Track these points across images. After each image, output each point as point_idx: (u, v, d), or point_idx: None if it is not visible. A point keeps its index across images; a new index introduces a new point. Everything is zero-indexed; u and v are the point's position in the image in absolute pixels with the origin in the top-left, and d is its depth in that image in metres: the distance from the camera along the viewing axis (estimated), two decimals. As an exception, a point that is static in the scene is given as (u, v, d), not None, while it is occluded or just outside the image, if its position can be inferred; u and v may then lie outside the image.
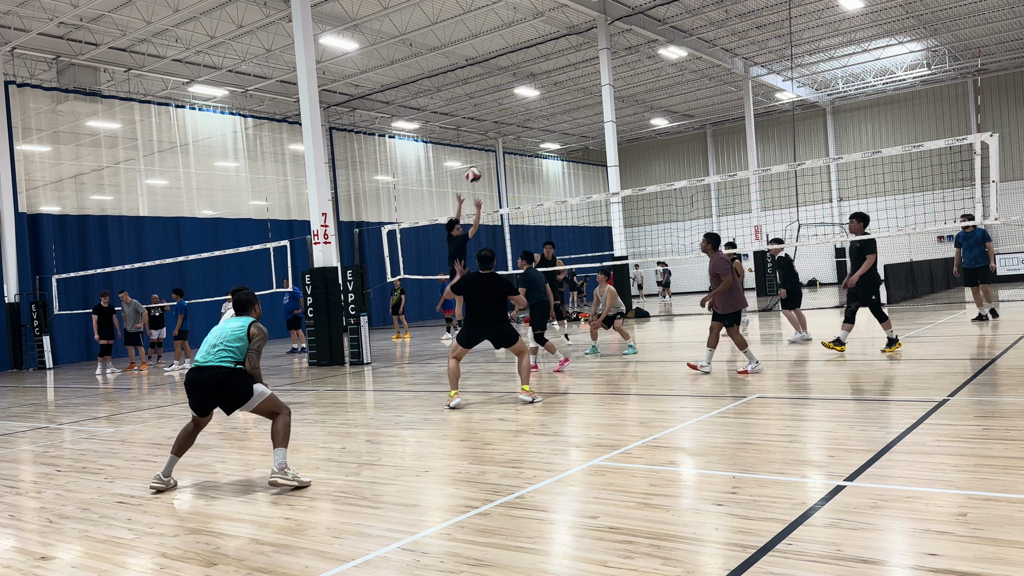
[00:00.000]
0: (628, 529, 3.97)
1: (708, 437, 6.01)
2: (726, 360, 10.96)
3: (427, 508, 4.67)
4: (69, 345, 21.55)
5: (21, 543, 4.54)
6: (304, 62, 14.76)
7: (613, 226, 23.60)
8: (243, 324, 5.69)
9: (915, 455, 5.04)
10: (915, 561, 3.35)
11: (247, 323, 5.70)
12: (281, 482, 5.28)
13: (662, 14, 23.18)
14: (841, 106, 36.31)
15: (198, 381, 5.54)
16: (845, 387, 8.12)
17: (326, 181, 15.56)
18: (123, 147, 23.46)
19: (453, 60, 25.41)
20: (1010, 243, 30.63)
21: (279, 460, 5.35)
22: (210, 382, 5.49)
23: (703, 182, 13.72)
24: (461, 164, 35.73)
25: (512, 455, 5.88)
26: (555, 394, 8.93)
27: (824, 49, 27.84)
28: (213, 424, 8.53)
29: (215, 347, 5.59)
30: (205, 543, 4.27)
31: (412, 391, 10.10)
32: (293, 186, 27.81)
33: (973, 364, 8.89)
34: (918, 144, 10.51)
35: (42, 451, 7.60)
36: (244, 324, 5.69)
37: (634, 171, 41.34)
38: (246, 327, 5.67)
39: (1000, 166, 12.75)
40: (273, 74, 24.71)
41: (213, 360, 5.54)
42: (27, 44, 20.40)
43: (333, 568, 3.75)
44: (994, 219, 9.87)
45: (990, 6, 24.44)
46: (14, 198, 20.40)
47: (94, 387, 14.12)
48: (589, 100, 31.55)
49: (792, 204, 33.46)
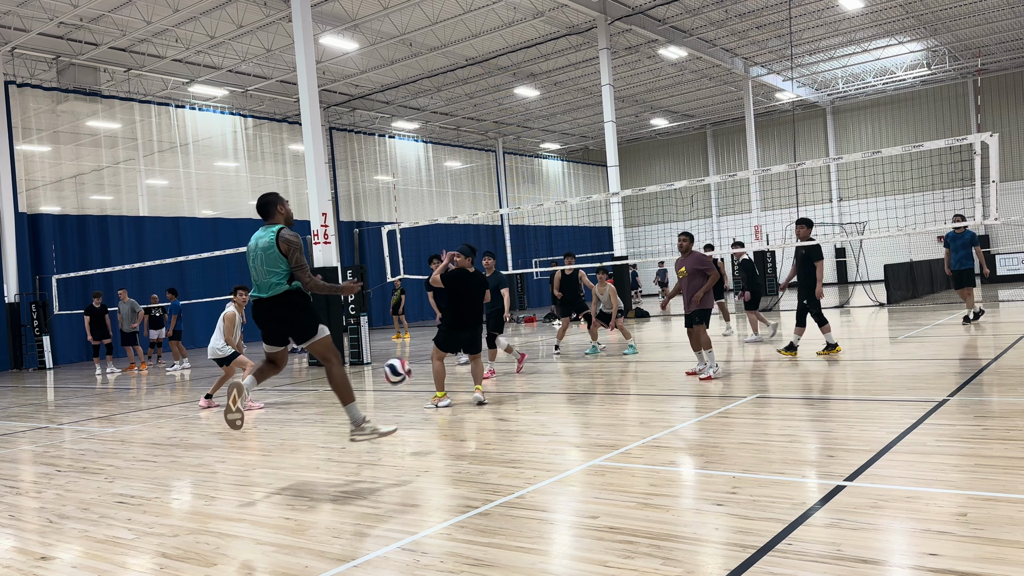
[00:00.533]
0: (628, 529, 3.97)
1: (708, 437, 6.01)
2: (724, 360, 10.96)
3: (427, 508, 4.67)
4: (69, 345, 21.54)
5: (21, 543, 4.54)
6: (304, 62, 14.77)
7: (613, 226, 23.59)
8: (270, 240, 5.26)
9: (915, 455, 5.04)
10: (915, 561, 3.35)
11: (273, 237, 5.26)
12: (361, 438, 5.10)
13: (662, 14, 23.18)
14: (841, 106, 36.31)
15: (262, 313, 5.35)
16: (845, 387, 8.12)
17: (326, 181, 15.56)
18: (123, 147, 23.46)
19: (453, 60, 25.41)
20: (1010, 243, 30.63)
21: (354, 415, 5.15)
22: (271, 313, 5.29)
23: (703, 182, 13.72)
24: (461, 164, 35.74)
25: (512, 455, 5.88)
26: (555, 394, 8.93)
27: (824, 49, 27.83)
28: (213, 424, 8.53)
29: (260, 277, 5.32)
30: (205, 543, 4.27)
31: (412, 391, 10.10)
32: (293, 186, 27.81)
33: (973, 364, 8.89)
34: (918, 144, 10.51)
35: (42, 451, 7.60)
36: (271, 240, 5.26)
37: (634, 171, 41.34)
38: (274, 242, 5.24)
39: (1000, 166, 12.77)
40: (273, 74, 24.71)
41: (267, 292, 5.29)
42: (27, 44, 20.40)
43: (333, 568, 3.75)
44: (994, 219, 9.87)
45: (990, 6, 24.44)
46: (14, 198, 20.40)
47: (94, 387, 14.12)
48: (589, 100, 31.55)
49: (792, 204, 33.45)
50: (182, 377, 14.69)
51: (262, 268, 5.31)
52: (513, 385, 9.94)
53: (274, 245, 5.24)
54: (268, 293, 5.31)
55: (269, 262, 5.27)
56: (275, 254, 5.24)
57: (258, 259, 5.32)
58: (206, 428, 8.32)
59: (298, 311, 5.36)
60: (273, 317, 5.33)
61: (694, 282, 9.33)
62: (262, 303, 5.37)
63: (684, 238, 9.57)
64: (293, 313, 5.34)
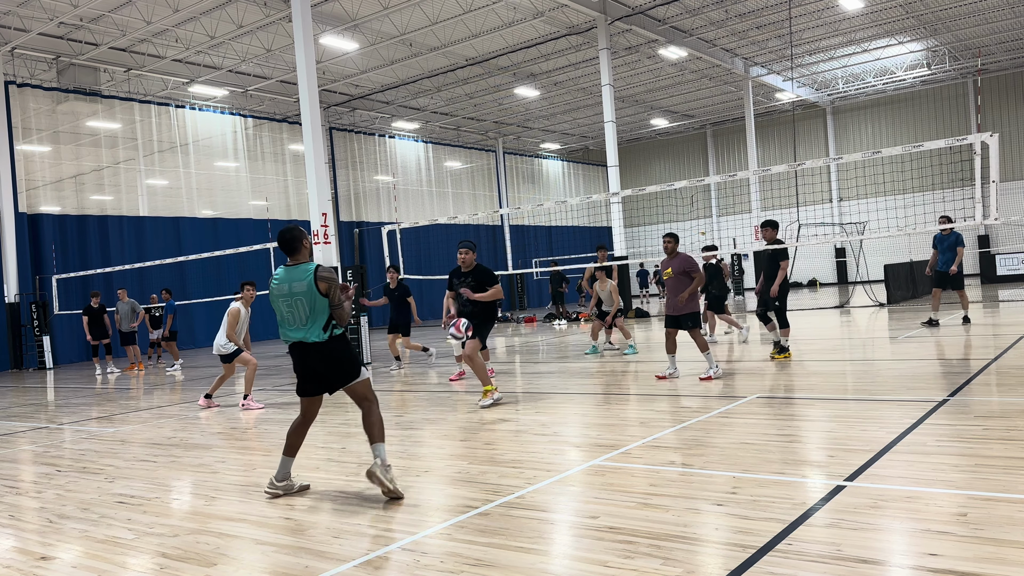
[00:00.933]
0: (628, 529, 3.97)
1: (708, 437, 6.01)
2: (725, 360, 10.96)
3: (427, 508, 4.67)
4: (69, 345, 21.54)
5: (21, 543, 4.54)
6: (304, 62, 14.76)
7: (613, 226, 23.59)
8: (308, 282, 4.93)
9: (915, 455, 5.04)
10: (915, 561, 3.35)
11: (311, 278, 4.94)
12: (380, 477, 4.75)
13: (662, 14, 23.18)
14: (841, 106, 36.31)
15: (301, 358, 5.05)
16: (845, 387, 8.12)
17: (326, 181, 15.55)
18: (123, 147, 23.46)
19: (453, 60, 25.41)
20: (1010, 243, 30.62)
21: (381, 455, 4.86)
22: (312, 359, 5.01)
23: (703, 182, 13.72)
24: (461, 164, 35.74)
25: (512, 455, 5.88)
26: (555, 393, 8.93)
27: (824, 49, 27.83)
28: (213, 424, 8.53)
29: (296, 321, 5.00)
30: (205, 543, 4.27)
31: (412, 391, 10.10)
32: (293, 186, 27.82)
33: (973, 364, 8.89)
34: (918, 144, 10.51)
35: (42, 451, 7.60)
36: (309, 281, 4.93)
37: (634, 171, 41.34)
38: (312, 283, 4.92)
39: (1000, 166, 12.77)
40: (273, 74, 24.71)
41: (306, 337, 4.97)
42: (27, 44, 20.40)
43: (333, 568, 3.75)
44: (994, 219, 9.87)
45: (990, 6, 24.44)
46: (14, 198, 20.40)
47: (94, 387, 14.12)
48: (589, 100, 31.55)
49: (792, 204, 33.47)
50: (183, 377, 14.69)
51: (300, 312, 4.98)
52: (514, 385, 9.94)
53: (313, 287, 4.91)
54: (310, 339, 5.00)
55: (309, 304, 4.95)
56: (314, 295, 4.93)
57: (295, 303, 4.98)
58: (206, 428, 8.32)
59: (340, 356, 5.08)
60: (315, 363, 5.04)
61: (680, 284, 9.27)
62: (303, 348, 5.04)
63: (669, 239, 9.49)
64: (335, 359, 5.06)
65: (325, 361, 5.03)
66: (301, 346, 5.04)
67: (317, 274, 4.95)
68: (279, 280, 5.08)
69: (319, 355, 5.02)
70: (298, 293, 4.96)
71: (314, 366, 5.05)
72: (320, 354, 5.01)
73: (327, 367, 5.04)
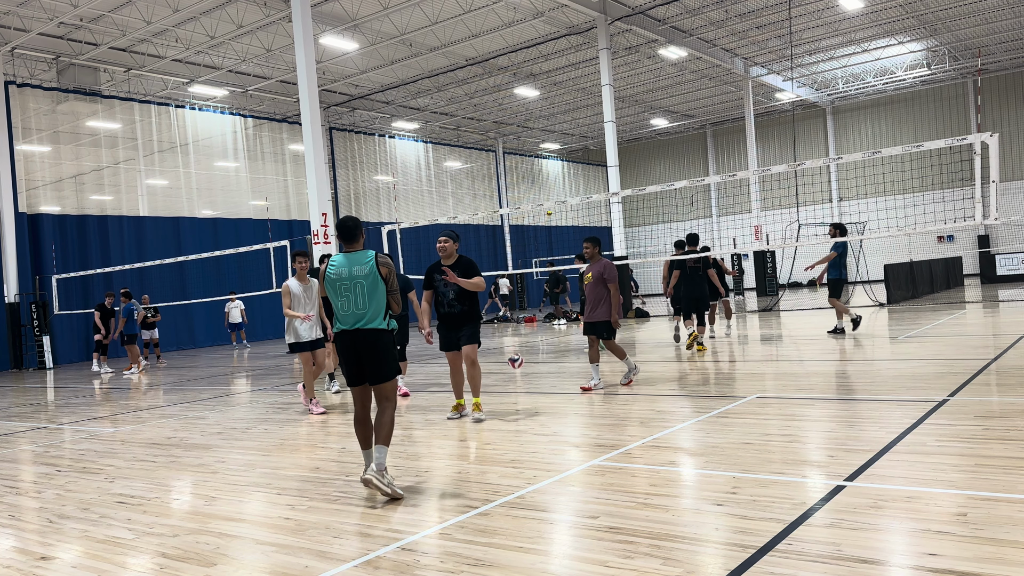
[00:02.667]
0: (628, 529, 3.97)
1: (708, 437, 6.01)
2: (727, 360, 10.96)
3: (427, 508, 4.67)
4: (69, 345, 21.54)
5: (21, 543, 4.54)
6: (304, 62, 14.77)
7: (613, 226, 23.60)
8: (371, 266, 4.98)
9: (915, 455, 5.03)
10: (915, 561, 3.35)
11: (373, 263, 4.99)
12: (376, 483, 4.74)
13: (662, 14, 23.19)
14: (841, 106, 36.32)
15: (348, 346, 5.01)
16: (845, 387, 8.12)
17: (326, 181, 15.57)
18: (123, 147, 23.46)
19: (453, 60, 25.41)
20: (1010, 243, 30.62)
21: (380, 458, 4.84)
22: (362, 347, 4.96)
23: (703, 182, 13.72)
24: (461, 164, 35.74)
25: (512, 455, 5.88)
26: (555, 394, 8.93)
27: (824, 49, 27.84)
28: (213, 424, 8.53)
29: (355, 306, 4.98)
30: (205, 543, 4.27)
31: (412, 391, 10.09)
32: (293, 186, 27.82)
33: (973, 364, 8.89)
34: (918, 144, 10.51)
35: (42, 451, 7.60)
36: (372, 266, 4.98)
37: (634, 171, 41.35)
38: (375, 268, 4.98)
39: (1000, 166, 12.78)
40: (273, 74, 24.71)
41: (362, 324, 4.96)
42: (27, 44, 20.40)
43: (333, 568, 3.75)
44: (994, 219, 9.87)
45: (990, 6, 24.44)
46: (14, 198, 20.40)
47: (94, 387, 14.12)
48: (589, 100, 31.56)
49: (792, 204, 33.47)
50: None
51: (359, 297, 4.98)
52: (510, 386, 9.94)
53: (375, 271, 4.98)
54: (364, 325, 4.99)
55: (370, 290, 4.98)
56: (375, 280, 4.98)
57: (354, 286, 4.98)
58: (206, 428, 8.32)
59: (386, 353, 5.04)
60: (362, 350, 4.99)
61: (597, 290, 8.90)
62: (354, 335, 5.00)
63: (588, 244, 9.04)
64: (381, 355, 5.02)
65: (371, 351, 5.01)
66: (353, 334, 5.02)
67: (378, 259, 5.05)
68: (338, 265, 5.10)
69: (367, 344, 5.00)
70: (358, 277, 5.00)
71: (360, 354, 5.02)
72: (368, 343, 5.00)
73: (370, 359, 5.02)
